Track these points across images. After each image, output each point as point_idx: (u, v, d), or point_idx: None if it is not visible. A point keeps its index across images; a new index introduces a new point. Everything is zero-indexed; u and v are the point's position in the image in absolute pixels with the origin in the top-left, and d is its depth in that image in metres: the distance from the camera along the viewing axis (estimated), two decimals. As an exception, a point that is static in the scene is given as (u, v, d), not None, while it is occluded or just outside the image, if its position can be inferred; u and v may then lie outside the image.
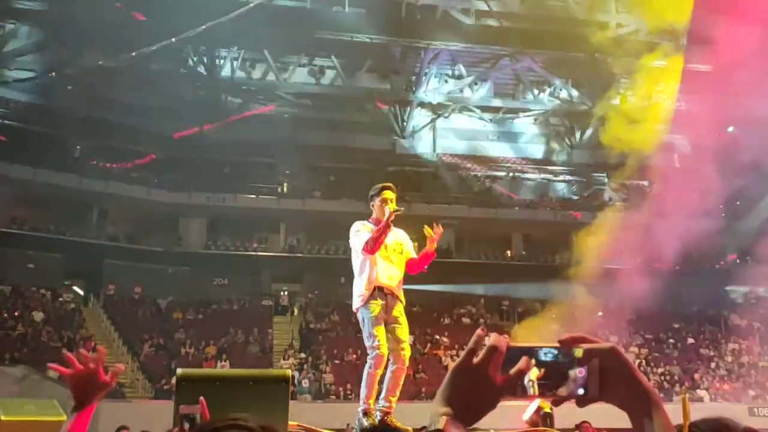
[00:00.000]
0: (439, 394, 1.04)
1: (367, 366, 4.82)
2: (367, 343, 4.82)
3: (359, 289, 4.90)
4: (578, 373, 1.02)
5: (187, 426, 1.83)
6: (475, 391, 1.03)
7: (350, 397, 20.71)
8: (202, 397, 2.20)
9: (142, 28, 20.60)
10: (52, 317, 22.39)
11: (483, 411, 1.04)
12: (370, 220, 5.07)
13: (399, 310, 4.93)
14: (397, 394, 4.83)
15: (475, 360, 1.03)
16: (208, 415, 1.77)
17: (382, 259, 4.92)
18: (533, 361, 1.02)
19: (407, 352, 4.88)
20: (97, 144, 27.50)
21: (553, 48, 27.52)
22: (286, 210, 28.93)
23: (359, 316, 4.92)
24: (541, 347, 1.04)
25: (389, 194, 5.01)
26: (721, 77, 20.16)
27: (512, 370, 1.01)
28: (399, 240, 5.07)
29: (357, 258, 5.00)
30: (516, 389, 1.02)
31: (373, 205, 5.08)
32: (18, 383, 16.33)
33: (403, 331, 4.90)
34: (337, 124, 28.52)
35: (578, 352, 1.03)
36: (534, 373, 1.02)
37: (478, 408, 1.04)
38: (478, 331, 1.06)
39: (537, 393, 1.01)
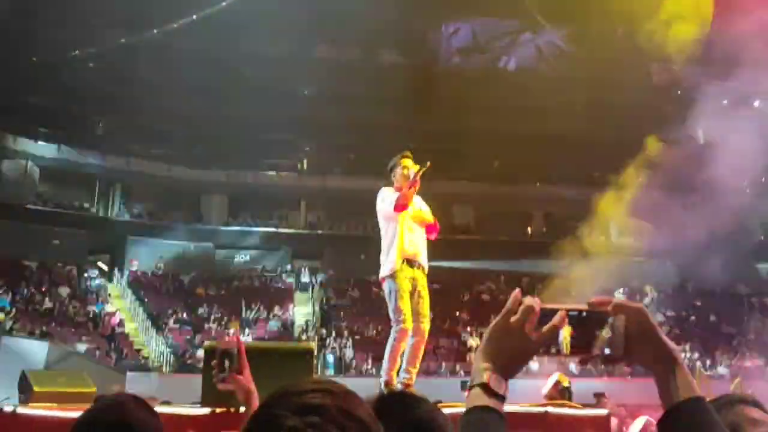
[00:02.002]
0: (480, 351, 1.12)
1: (391, 339, 4.85)
2: (393, 316, 4.84)
3: (389, 259, 4.89)
4: (605, 334, 1.07)
5: (226, 362, 1.94)
6: (513, 347, 1.10)
7: (371, 372, 20.93)
8: (233, 332, 2.31)
9: (164, 5, 20.61)
10: (78, 292, 22.82)
11: (520, 365, 1.11)
12: (393, 189, 5.11)
13: (423, 283, 4.95)
14: (417, 366, 4.88)
15: (512, 320, 1.10)
16: (243, 350, 1.91)
17: (408, 230, 4.95)
18: (566, 320, 1.08)
19: (427, 326, 4.92)
20: (120, 121, 27.77)
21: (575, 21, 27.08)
22: (307, 187, 29.05)
23: (386, 287, 4.91)
24: (573, 308, 1.10)
25: (408, 162, 5.13)
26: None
27: (546, 327, 1.07)
28: (418, 207, 5.12)
29: (385, 227, 5.02)
30: (550, 346, 1.09)
31: (394, 176, 5.15)
32: (46, 356, 16.72)
33: (425, 304, 4.93)
34: (357, 100, 28.42)
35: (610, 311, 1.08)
36: (567, 331, 1.08)
37: (516, 362, 1.11)
38: (515, 293, 1.12)
39: (568, 351, 1.08)
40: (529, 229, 31.33)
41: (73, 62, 22.14)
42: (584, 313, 1.09)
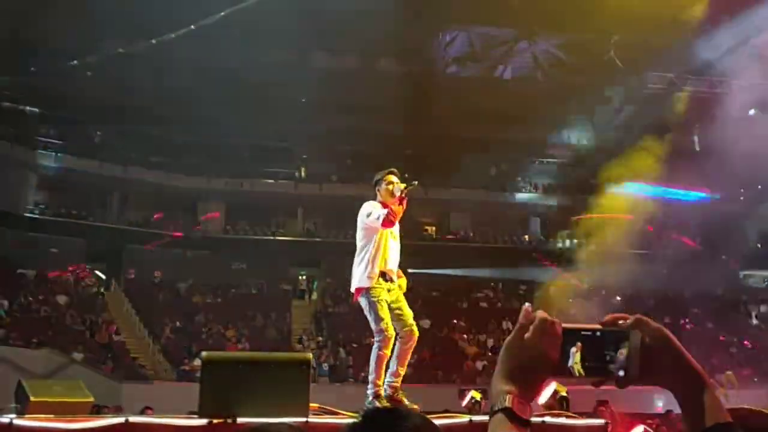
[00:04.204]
0: (497, 373, 1.05)
1: (375, 348, 4.96)
2: (375, 326, 4.95)
3: (366, 271, 5.03)
4: (619, 354, 1.03)
5: None
6: (533, 366, 1.03)
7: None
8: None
9: (162, 15, 20.66)
10: (75, 301, 22.76)
11: (541, 385, 1.05)
12: (378, 202, 5.24)
13: (398, 291, 5.13)
14: (406, 366, 5.07)
15: (526, 336, 1.03)
16: None
17: (385, 243, 5.11)
18: (579, 344, 1.03)
19: (415, 328, 5.08)
20: (117, 130, 27.82)
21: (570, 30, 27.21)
22: (304, 194, 29.07)
23: (362, 299, 5.03)
24: (587, 328, 1.05)
25: (394, 178, 5.25)
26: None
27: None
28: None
29: (365, 239, 5.15)
30: (565, 370, 1.03)
31: (379, 190, 5.28)
32: (43, 365, 16.66)
33: (406, 309, 5.09)
34: (355, 108, 28.48)
35: (626, 334, 1.03)
36: (578, 355, 1.03)
37: (537, 383, 1.04)
38: (526, 307, 1.07)
39: (582, 374, 1.03)
40: (526, 236, 31.36)
41: (72, 71, 22.17)
42: (598, 333, 1.04)
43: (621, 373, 1.03)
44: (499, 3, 25.01)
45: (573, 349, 1.03)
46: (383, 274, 5.03)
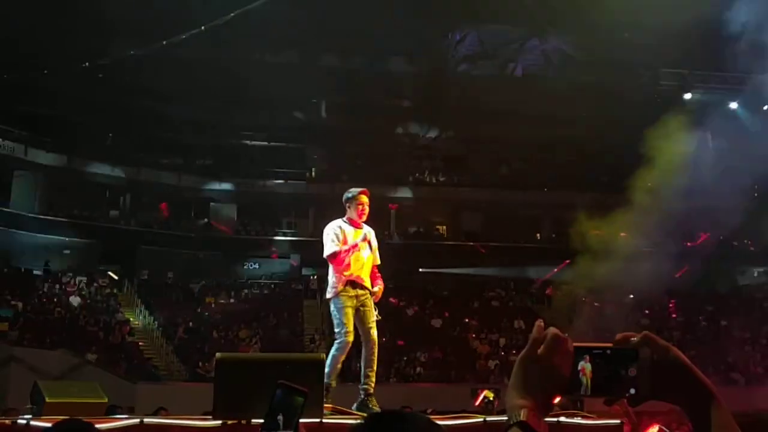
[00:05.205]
0: (511, 386, 1.06)
1: (333, 350, 5.45)
2: (336, 330, 5.42)
3: (333, 281, 5.47)
4: (630, 372, 1.04)
5: None
6: (546, 380, 1.04)
7: (380, 379, 20.88)
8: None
9: (172, 16, 20.76)
10: (89, 302, 22.91)
11: (553, 399, 1.07)
12: (345, 219, 5.62)
13: (366, 297, 5.50)
14: (374, 370, 5.59)
15: (540, 351, 1.05)
16: None
17: (354, 259, 5.50)
18: (588, 363, 1.05)
19: (375, 332, 5.54)
20: (129, 132, 28.02)
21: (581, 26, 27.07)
22: (315, 194, 29.10)
23: (331, 306, 5.48)
24: (598, 346, 1.06)
25: (365, 198, 5.59)
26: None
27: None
28: (368, 237, 5.63)
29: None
30: (577, 387, 1.05)
31: (349, 206, 5.63)
32: (58, 366, 16.78)
33: (370, 314, 5.49)
34: (366, 108, 28.48)
35: (637, 351, 1.05)
36: (589, 373, 1.05)
37: (551, 397, 1.05)
38: (538, 322, 1.08)
39: (590, 393, 1.05)
40: (537, 235, 31.23)
41: (83, 73, 22.34)
42: (608, 351, 1.06)
43: (632, 390, 1.04)
44: (509, 0, 24.94)
45: (583, 367, 1.05)
46: (352, 282, 5.41)
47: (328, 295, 5.51)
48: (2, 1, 22.09)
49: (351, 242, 5.48)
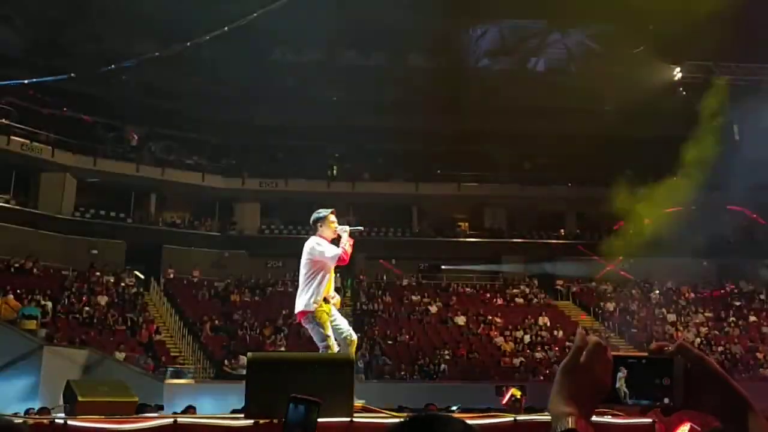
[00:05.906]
0: (557, 393, 1.07)
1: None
2: (320, 343, 5.71)
3: (312, 297, 5.74)
4: (665, 382, 1.06)
5: None
6: (590, 388, 1.06)
7: (404, 377, 20.90)
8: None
9: (195, 17, 20.92)
10: (116, 301, 23.22)
11: (596, 406, 1.08)
12: (318, 237, 6.00)
13: (334, 309, 5.93)
14: None
15: (582, 359, 1.06)
16: None
17: (331, 273, 5.90)
18: (625, 371, 1.07)
19: (352, 334, 5.85)
20: (153, 132, 28.38)
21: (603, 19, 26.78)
22: (336, 193, 29.18)
23: (308, 322, 5.76)
24: (633, 356, 1.09)
25: (333, 218, 6.07)
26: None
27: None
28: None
29: (312, 268, 5.83)
30: (616, 396, 1.07)
31: (320, 226, 6.04)
32: (86, 365, 17.02)
33: (341, 321, 5.92)
34: (386, 105, 28.48)
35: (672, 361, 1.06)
36: (624, 382, 1.07)
37: (594, 404, 1.07)
38: (580, 330, 1.11)
39: (628, 402, 1.07)
40: (561, 230, 30.99)
41: (108, 75, 22.62)
42: (644, 361, 1.07)
43: (666, 400, 1.06)
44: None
45: (620, 376, 1.07)
46: (325, 299, 5.83)
47: (305, 309, 5.78)
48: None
49: None
